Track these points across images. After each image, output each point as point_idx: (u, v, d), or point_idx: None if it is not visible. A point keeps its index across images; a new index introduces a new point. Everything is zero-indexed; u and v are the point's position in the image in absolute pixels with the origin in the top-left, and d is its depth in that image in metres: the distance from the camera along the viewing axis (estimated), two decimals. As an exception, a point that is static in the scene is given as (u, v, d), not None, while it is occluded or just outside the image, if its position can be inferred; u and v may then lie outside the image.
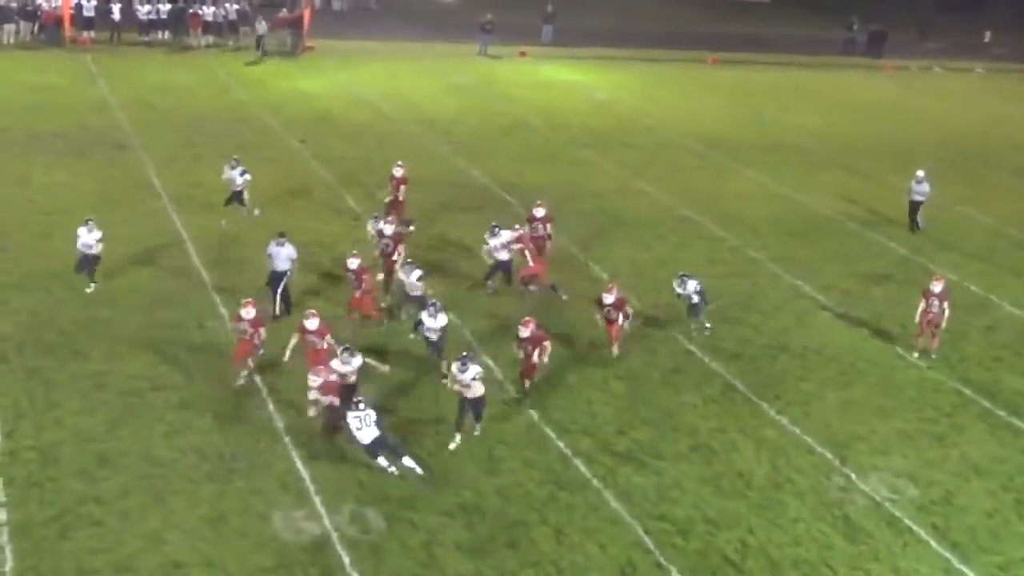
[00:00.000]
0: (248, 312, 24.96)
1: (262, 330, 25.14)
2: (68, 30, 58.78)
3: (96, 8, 59.51)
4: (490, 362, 26.63)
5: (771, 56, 69.09)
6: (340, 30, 64.74)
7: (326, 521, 20.93)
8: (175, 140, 43.33)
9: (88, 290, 28.92)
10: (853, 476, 23.57)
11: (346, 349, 23.76)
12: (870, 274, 34.53)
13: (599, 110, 53.95)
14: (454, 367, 23.44)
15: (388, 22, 68.99)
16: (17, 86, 49.39)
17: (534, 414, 25.09)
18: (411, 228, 33.25)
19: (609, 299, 27.38)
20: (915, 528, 21.97)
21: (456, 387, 23.49)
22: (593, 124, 50.94)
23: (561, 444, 24.00)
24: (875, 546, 21.39)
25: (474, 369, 23.40)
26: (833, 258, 35.71)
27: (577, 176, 42.53)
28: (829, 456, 24.25)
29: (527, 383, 25.61)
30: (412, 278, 28.08)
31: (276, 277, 28.53)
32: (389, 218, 31.00)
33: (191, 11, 61.25)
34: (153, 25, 61.19)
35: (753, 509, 22.25)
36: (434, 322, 25.97)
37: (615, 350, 27.69)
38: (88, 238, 28.77)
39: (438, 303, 26.28)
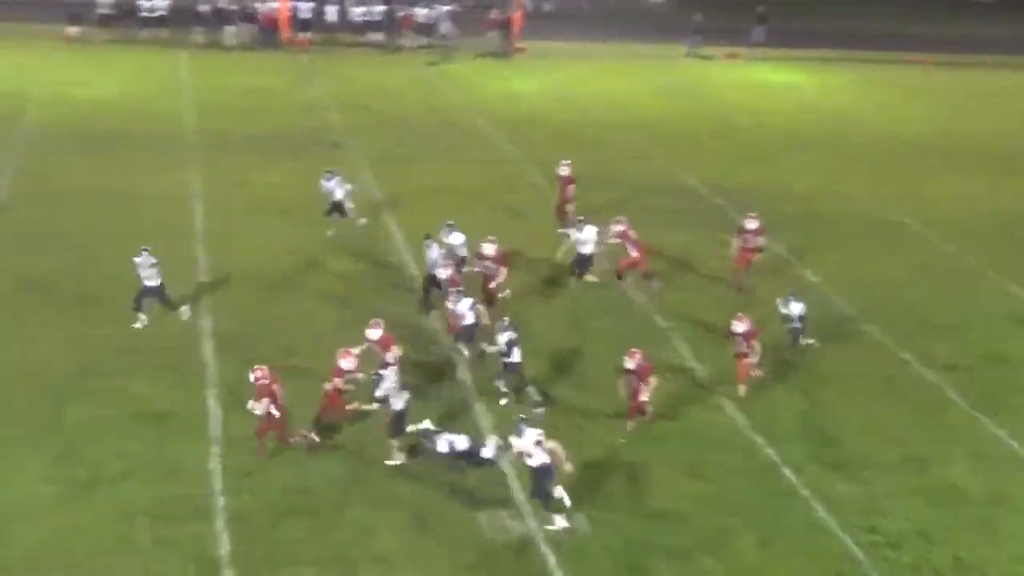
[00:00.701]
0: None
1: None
2: (285, 32, 60.20)
3: (312, 10, 60.84)
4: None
5: (992, 58, 66.94)
6: (550, 31, 64.95)
7: (531, 521, 20.99)
8: (387, 141, 43.99)
9: (183, 315, 27.77)
10: (1077, 495, 22.72)
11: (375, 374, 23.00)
12: (1093, 282, 33.27)
13: (810, 112, 53.07)
14: (512, 436, 21.21)
15: (597, 24, 68.97)
16: (236, 89, 50.70)
17: (740, 420, 24.77)
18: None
19: (739, 328, 25.39)
20: None
21: (518, 457, 21.12)
22: (803, 126, 50.17)
23: (769, 451, 23.65)
24: (1100, 568, 20.60)
25: (532, 433, 20.85)
26: (1053, 265, 34.47)
27: (786, 178, 41.90)
28: (1051, 472, 23.43)
29: (630, 423, 24.01)
30: (462, 308, 26.20)
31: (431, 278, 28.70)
32: (491, 237, 29.02)
33: (403, 13, 62.16)
34: (367, 26, 62.25)
35: (968, 524, 21.57)
36: (501, 337, 24.88)
37: (741, 389, 25.67)
38: (146, 267, 27.32)
39: (506, 320, 25.53)
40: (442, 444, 21.80)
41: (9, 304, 28.24)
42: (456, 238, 29.47)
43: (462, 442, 21.96)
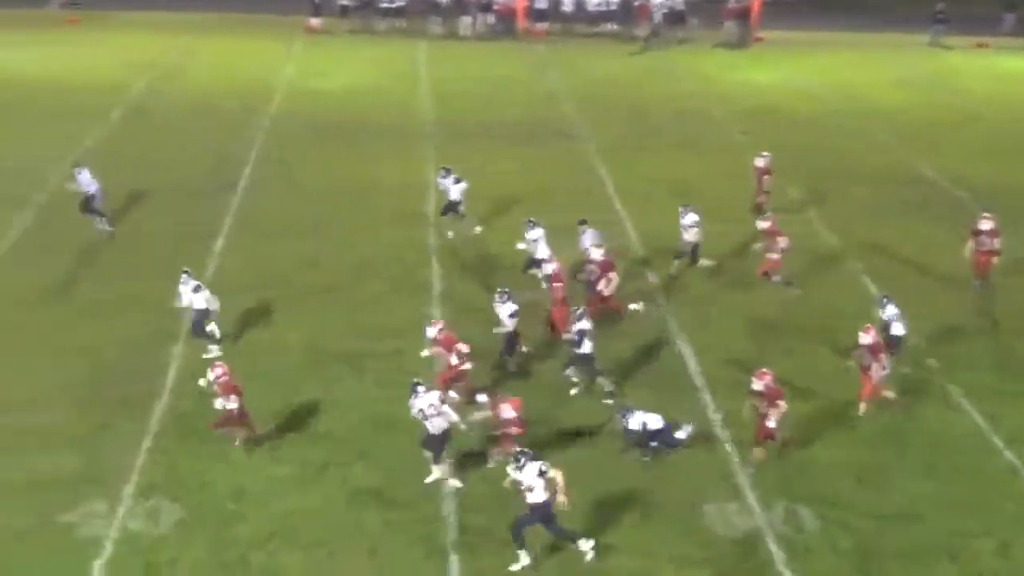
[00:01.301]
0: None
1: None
2: (522, 22, 60.60)
3: (549, 0, 61.08)
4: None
5: None
6: (788, 21, 63.93)
7: (759, 517, 20.68)
8: (620, 130, 43.89)
9: (205, 355, 25.61)
10: None
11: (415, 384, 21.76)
12: None
13: (1064, 103, 51.06)
14: (510, 468, 19.57)
15: (835, 13, 67.58)
16: (472, 79, 51.17)
17: (980, 421, 23.92)
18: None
19: (866, 340, 23.63)
20: None
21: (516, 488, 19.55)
22: (1058, 118, 48.27)
23: (1009, 454, 22.79)
24: None
25: (532, 467, 19.17)
26: None
27: (1035, 173, 40.33)
28: None
29: (760, 450, 22.23)
30: (504, 313, 25.09)
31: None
32: (550, 257, 27.96)
33: (640, 2, 61.89)
34: (603, 16, 62.21)
35: None
36: (573, 327, 24.18)
37: (861, 408, 23.83)
38: (186, 291, 25.88)
39: (580, 309, 24.68)
40: (635, 422, 21.68)
41: (252, 289, 29.03)
42: (588, 238, 29.10)
43: (655, 421, 21.83)
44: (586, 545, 19.48)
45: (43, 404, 23.74)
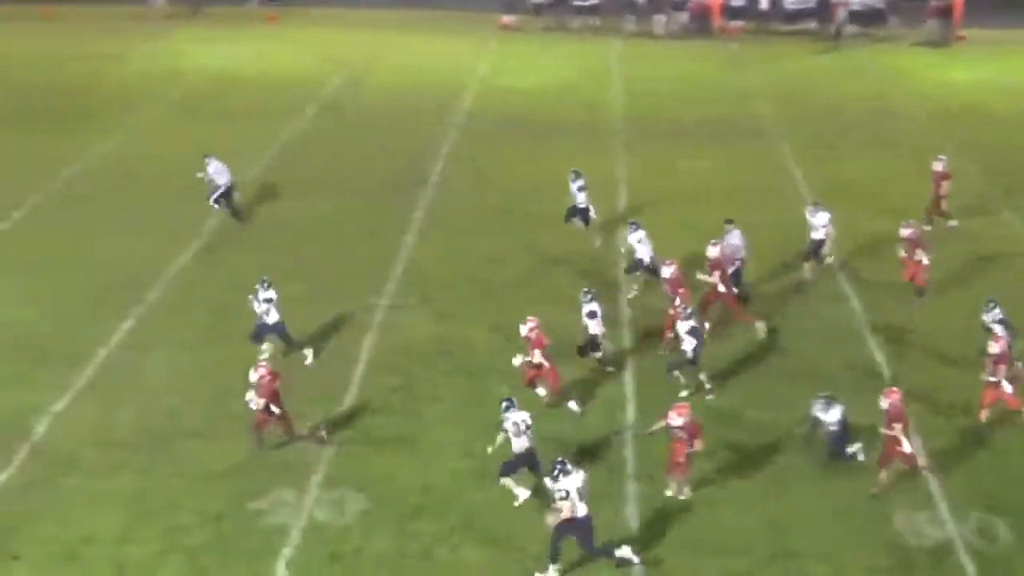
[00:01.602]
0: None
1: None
2: (717, 20, 60.06)
3: (745, -2, 60.54)
4: None
5: None
6: (991, 19, 62.07)
7: (950, 527, 20.17)
8: (814, 129, 43.14)
9: (305, 359, 25.82)
10: None
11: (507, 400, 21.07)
12: None
13: None
14: (547, 479, 19.18)
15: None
16: (665, 77, 50.71)
17: None
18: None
19: (994, 349, 22.71)
20: None
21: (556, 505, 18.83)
22: None
23: None
24: None
25: (567, 481, 18.68)
26: None
27: None
28: None
29: (883, 474, 21.13)
30: (585, 313, 24.65)
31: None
32: (668, 260, 26.79)
33: (837, 1, 60.78)
34: (800, 15, 61.26)
35: None
36: (680, 327, 23.78)
37: (1022, 414, 23.01)
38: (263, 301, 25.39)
39: (688, 308, 24.18)
40: (834, 413, 21.26)
41: (442, 285, 29.43)
42: (733, 238, 28.47)
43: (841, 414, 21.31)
44: (626, 551, 19.11)
45: (241, 393, 24.26)
